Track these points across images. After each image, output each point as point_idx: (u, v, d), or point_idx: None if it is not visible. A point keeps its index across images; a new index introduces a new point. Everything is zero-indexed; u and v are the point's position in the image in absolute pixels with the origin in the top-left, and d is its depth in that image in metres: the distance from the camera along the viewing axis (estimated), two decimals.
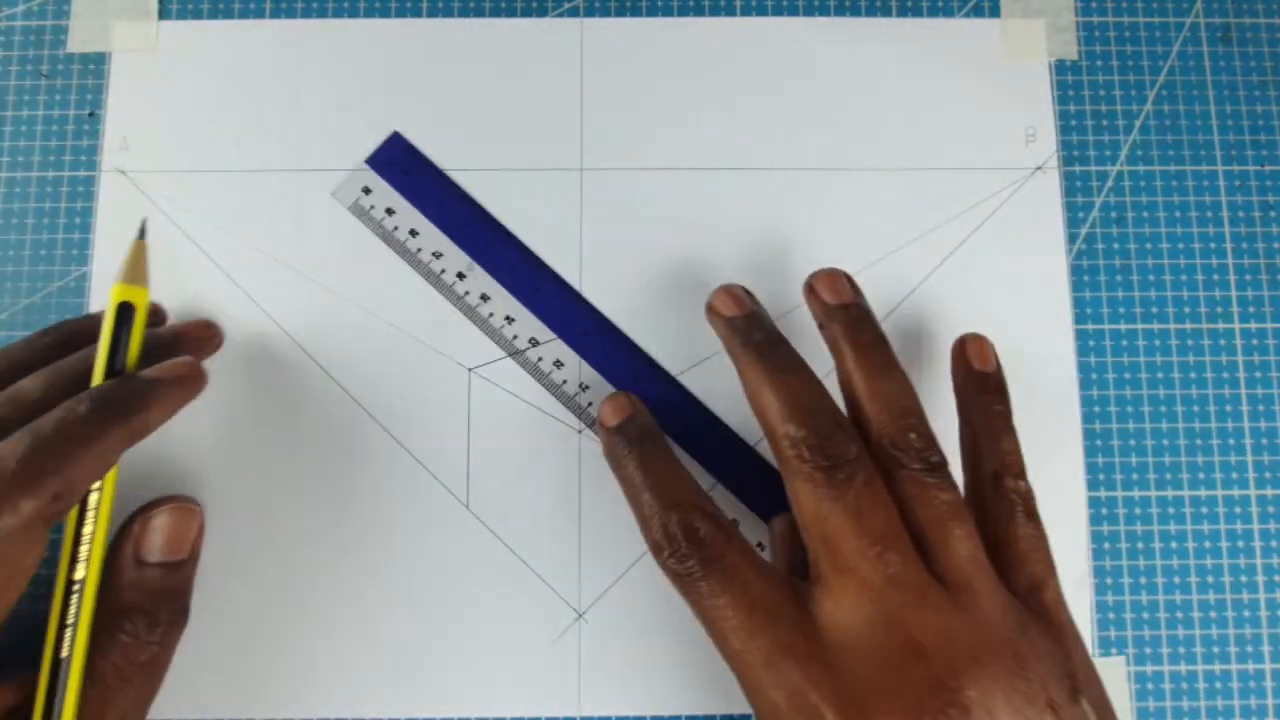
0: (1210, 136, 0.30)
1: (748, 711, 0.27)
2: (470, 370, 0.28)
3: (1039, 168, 0.29)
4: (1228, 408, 0.28)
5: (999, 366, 0.26)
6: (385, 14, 0.30)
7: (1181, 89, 0.30)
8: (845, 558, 0.21)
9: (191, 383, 0.25)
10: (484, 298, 0.28)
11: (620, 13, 0.30)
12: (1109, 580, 0.27)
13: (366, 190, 0.29)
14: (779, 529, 0.26)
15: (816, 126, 0.29)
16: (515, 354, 0.28)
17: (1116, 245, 0.29)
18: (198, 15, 0.30)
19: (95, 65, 0.30)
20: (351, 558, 0.27)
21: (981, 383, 0.25)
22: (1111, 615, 0.27)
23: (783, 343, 0.24)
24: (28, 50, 0.30)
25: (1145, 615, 0.27)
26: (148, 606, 0.24)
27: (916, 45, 0.30)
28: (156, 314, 0.27)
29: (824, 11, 0.30)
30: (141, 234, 0.25)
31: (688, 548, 0.22)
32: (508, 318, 0.28)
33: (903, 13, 0.30)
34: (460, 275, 0.28)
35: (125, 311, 0.24)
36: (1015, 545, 0.23)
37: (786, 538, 0.25)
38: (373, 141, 0.29)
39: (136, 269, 0.24)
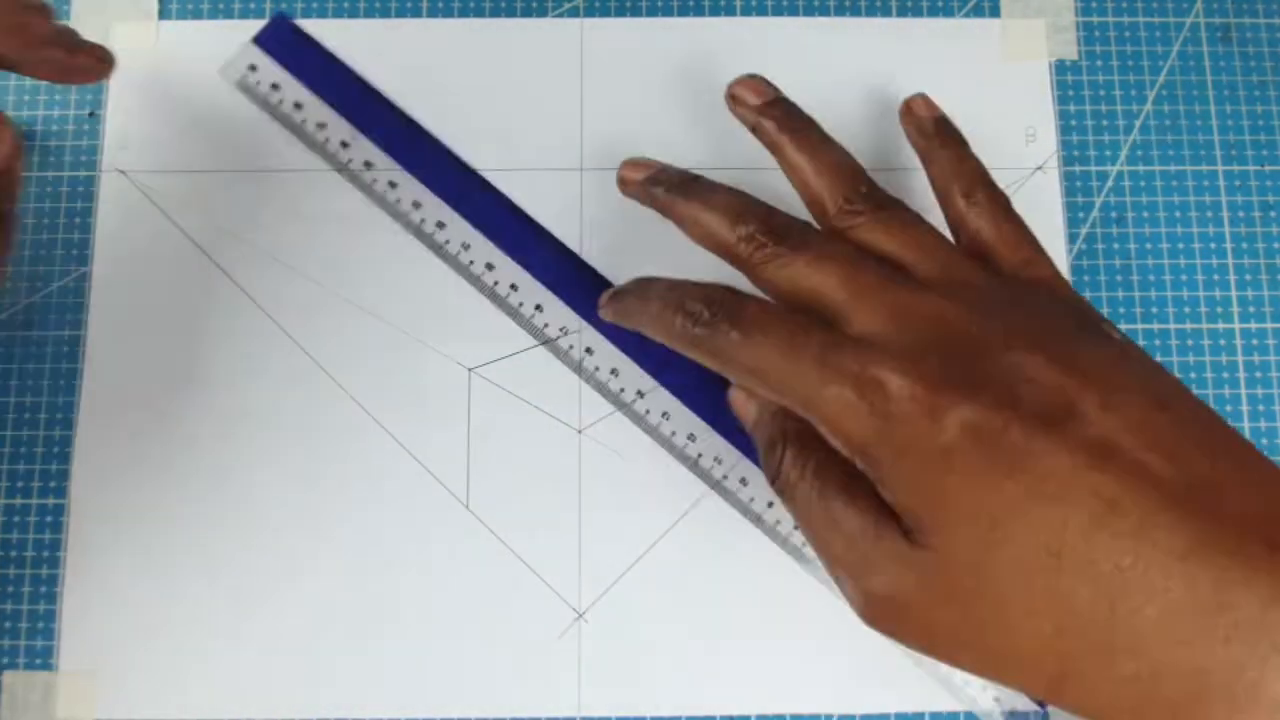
0: (1210, 136, 0.30)
1: (747, 712, 0.27)
2: (470, 370, 0.28)
3: (1039, 168, 0.29)
4: (1228, 408, 0.28)
5: (943, 112, 0.27)
6: (385, 14, 0.30)
7: (1181, 89, 0.30)
8: (843, 294, 0.21)
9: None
10: (367, 164, 0.29)
11: (620, 13, 0.30)
12: None
13: (253, 68, 0.29)
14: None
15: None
16: (402, 220, 0.29)
17: (1116, 245, 0.29)
18: (198, 15, 0.30)
19: None
20: (351, 557, 0.27)
21: (936, 128, 0.26)
22: None
23: (695, 177, 0.25)
24: None
25: None
26: None
27: (916, 45, 0.30)
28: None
29: (824, 11, 0.30)
30: None
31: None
32: (390, 183, 0.29)
33: (903, 13, 0.30)
34: (344, 144, 0.29)
35: None
36: (1003, 241, 0.24)
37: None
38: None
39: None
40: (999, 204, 0.24)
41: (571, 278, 0.29)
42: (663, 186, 0.25)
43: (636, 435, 0.28)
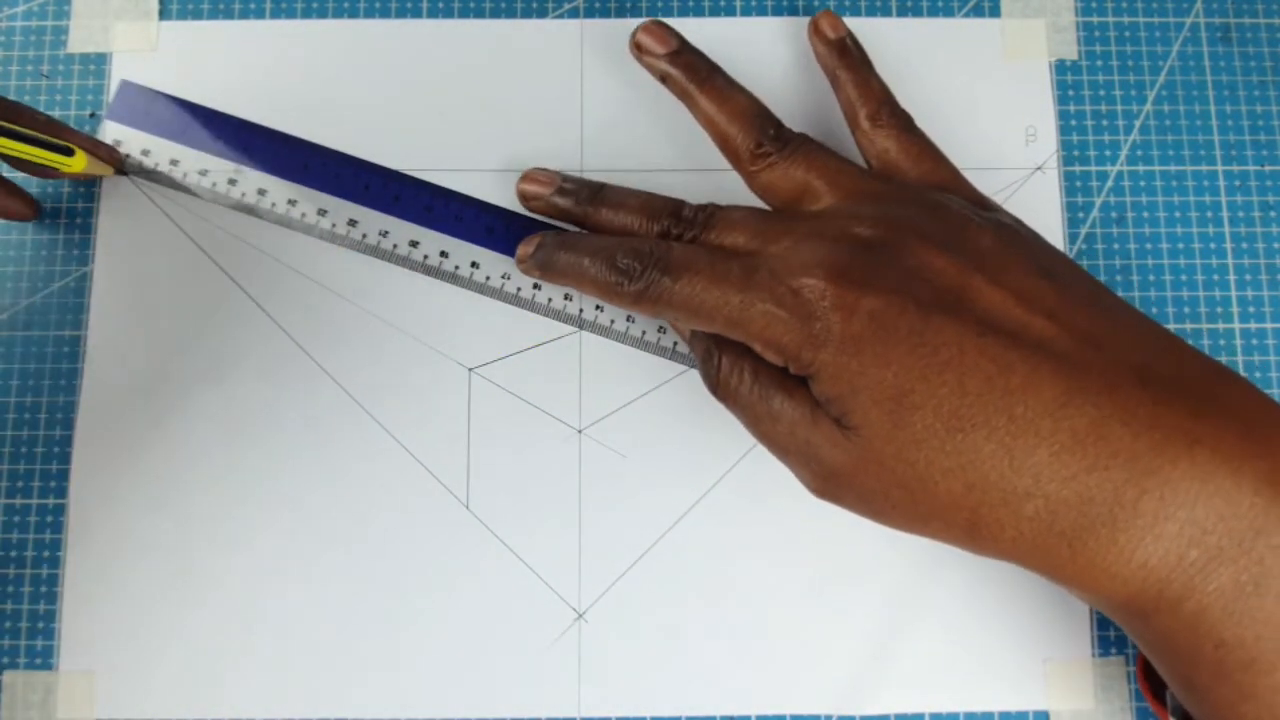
0: (1210, 136, 0.30)
1: (747, 712, 0.27)
2: (470, 370, 0.28)
3: (1039, 168, 0.29)
4: None
5: (848, 30, 0.29)
6: (385, 14, 0.30)
7: (1181, 89, 0.30)
8: (755, 242, 0.24)
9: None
10: (261, 191, 0.29)
11: (620, 13, 0.30)
12: None
13: (117, 142, 0.29)
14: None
15: (817, 126, 0.29)
16: (328, 234, 0.28)
17: (1116, 245, 0.29)
18: (198, 15, 0.30)
19: (95, 65, 0.30)
20: (351, 558, 0.27)
21: (840, 49, 0.28)
22: None
23: (604, 184, 0.28)
24: (28, 50, 0.30)
25: None
26: None
27: (916, 45, 0.30)
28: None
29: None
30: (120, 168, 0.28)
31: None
32: (290, 200, 0.29)
33: (903, 13, 0.30)
34: (232, 181, 0.29)
35: (60, 149, 0.26)
36: (906, 154, 0.26)
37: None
38: (372, 141, 0.29)
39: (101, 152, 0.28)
40: (901, 123, 0.27)
41: (499, 227, 0.28)
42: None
43: (636, 435, 0.28)
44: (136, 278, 0.28)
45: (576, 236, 0.26)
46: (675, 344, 0.28)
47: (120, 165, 0.29)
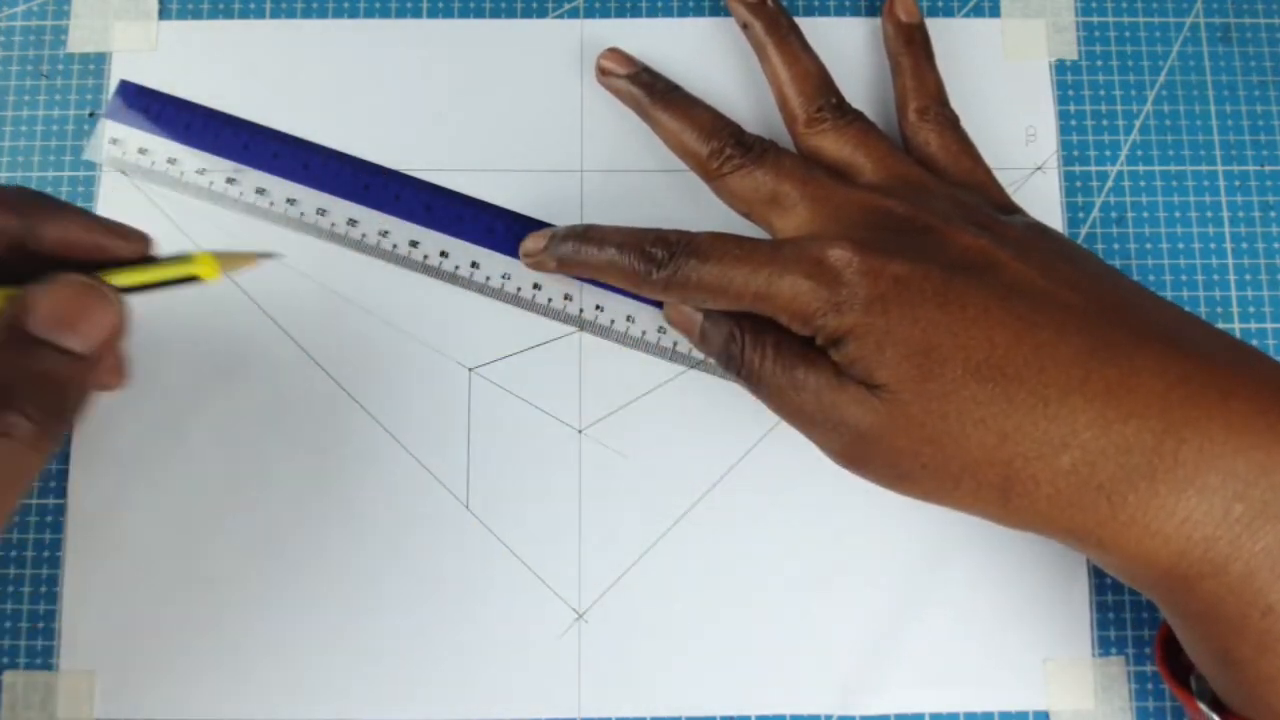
0: (1210, 136, 0.30)
1: (747, 712, 0.27)
2: (470, 370, 0.28)
3: (1039, 168, 0.29)
4: None
5: (923, 19, 0.29)
6: (385, 14, 0.30)
7: (1181, 89, 0.30)
8: (795, 193, 0.25)
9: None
10: (259, 190, 0.29)
11: (620, 13, 0.30)
12: (1109, 580, 0.27)
13: (114, 140, 0.29)
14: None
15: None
16: (327, 233, 0.28)
17: (1116, 245, 0.29)
18: (198, 15, 0.30)
19: (95, 65, 0.30)
20: (351, 558, 0.27)
21: (908, 35, 0.28)
22: (1111, 615, 0.27)
23: (680, 87, 0.29)
24: (28, 50, 0.30)
25: (1145, 615, 0.27)
26: (20, 390, 0.19)
27: None
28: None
29: (824, 11, 0.30)
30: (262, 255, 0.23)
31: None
32: (289, 199, 0.28)
33: None
34: (230, 180, 0.29)
35: (190, 279, 0.22)
36: (946, 150, 0.27)
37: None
38: (373, 141, 0.29)
39: (233, 261, 0.23)
40: (947, 121, 0.27)
41: (499, 227, 0.28)
42: (644, 89, 0.28)
43: (636, 435, 0.28)
44: None
45: (596, 228, 0.26)
46: (675, 344, 0.28)
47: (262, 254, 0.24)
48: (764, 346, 0.24)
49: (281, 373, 0.28)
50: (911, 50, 0.28)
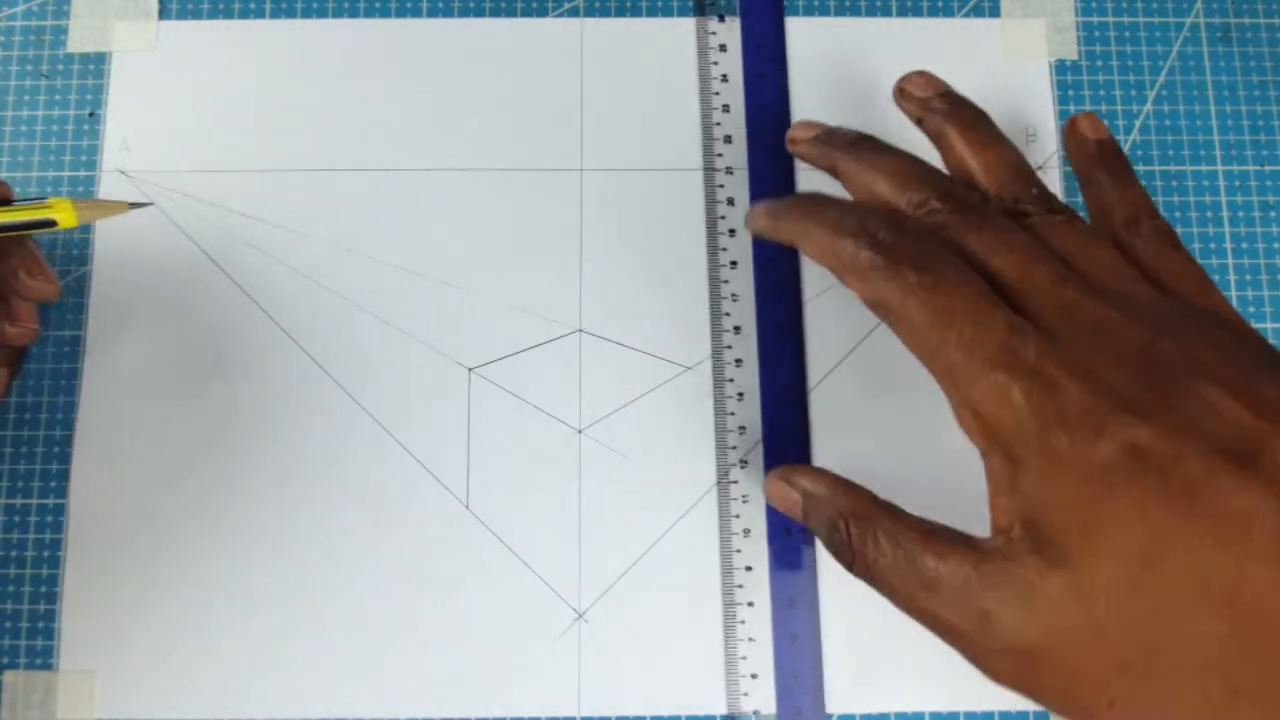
0: (1210, 136, 0.30)
1: (747, 712, 0.27)
2: (470, 370, 0.28)
3: (1039, 168, 0.29)
4: None
5: (1110, 134, 0.25)
6: (385, 14, 0.30)
7: (1181, 89, 0.30)
8: (1015, 278, 0.20)
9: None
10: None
11: (620, 13, 0.30)
12: None
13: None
14: None
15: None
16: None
17: None
18: (198, 15, 0.30)
19: (95, 65, 0.30)
20: (351, 558, 0.27)
21: (1099, 150, 0.25)
22: None
23: (872, 137, 0.25)
24: (28, 50, 0.30)
25: None
26: None
27: (916, 45, 0.30)
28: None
29: (824, 12, 0.30)
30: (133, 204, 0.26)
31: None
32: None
33: (903, 13, 0.30)
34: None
35: (46, 223, 0.24)
36: (1169, 269, 0.22)
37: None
38: (372, 141, 0.29)
39: (97, 209, 0.25)
40: (1164, 235, 0.23)
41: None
42: (832, 144, 0.25)
43: (636, 435, 0.28)
44: (136, 277, 0.28)
45: (824, 195, 0.23)
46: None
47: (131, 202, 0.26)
48: (874, 535, 0.20)
49: (281, 373, 0.28)
50: (1108, 165, 0.24)
